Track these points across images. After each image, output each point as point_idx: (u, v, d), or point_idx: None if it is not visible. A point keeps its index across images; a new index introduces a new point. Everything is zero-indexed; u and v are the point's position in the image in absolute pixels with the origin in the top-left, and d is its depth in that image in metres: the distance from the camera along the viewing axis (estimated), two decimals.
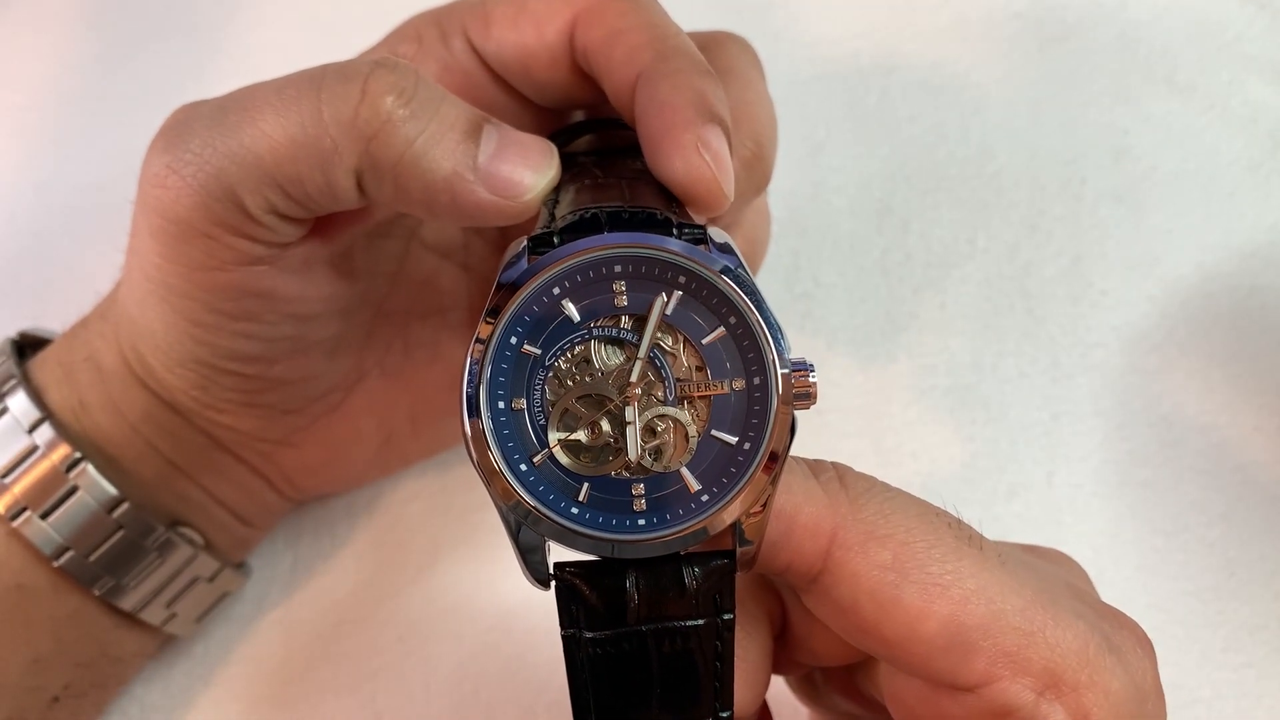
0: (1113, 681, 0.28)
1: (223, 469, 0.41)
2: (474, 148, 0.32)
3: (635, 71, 0.34)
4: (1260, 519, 0.47)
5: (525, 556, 0.29)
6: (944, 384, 0.50)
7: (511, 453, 0.28)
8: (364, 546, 0.48)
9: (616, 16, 0.36)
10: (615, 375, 0.29)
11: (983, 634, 0.28)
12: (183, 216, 0.34)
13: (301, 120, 0.32)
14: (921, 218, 0.53)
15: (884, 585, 0.28)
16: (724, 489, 0.28)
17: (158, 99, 0.59)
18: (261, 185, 0.33)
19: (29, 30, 0.61)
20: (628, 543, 0.28)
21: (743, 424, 0.29)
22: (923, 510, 0.29)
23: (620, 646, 0.28)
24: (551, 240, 0.29)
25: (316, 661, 0.46)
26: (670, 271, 0.29)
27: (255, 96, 0.33)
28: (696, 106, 0.32)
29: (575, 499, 0.28)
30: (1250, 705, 0.44)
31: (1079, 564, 0.34)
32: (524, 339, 0.29)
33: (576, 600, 0.28)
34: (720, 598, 0.29)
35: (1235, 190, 0.53)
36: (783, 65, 0.58)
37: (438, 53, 0.38)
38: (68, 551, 0.38)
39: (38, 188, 0.56)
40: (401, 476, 0.49)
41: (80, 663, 0.40)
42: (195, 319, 0.36)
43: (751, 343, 0.29)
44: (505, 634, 0.46)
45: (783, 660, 0.34)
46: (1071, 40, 0.57)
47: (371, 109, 0.32)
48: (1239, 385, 0.49)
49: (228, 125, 0.33)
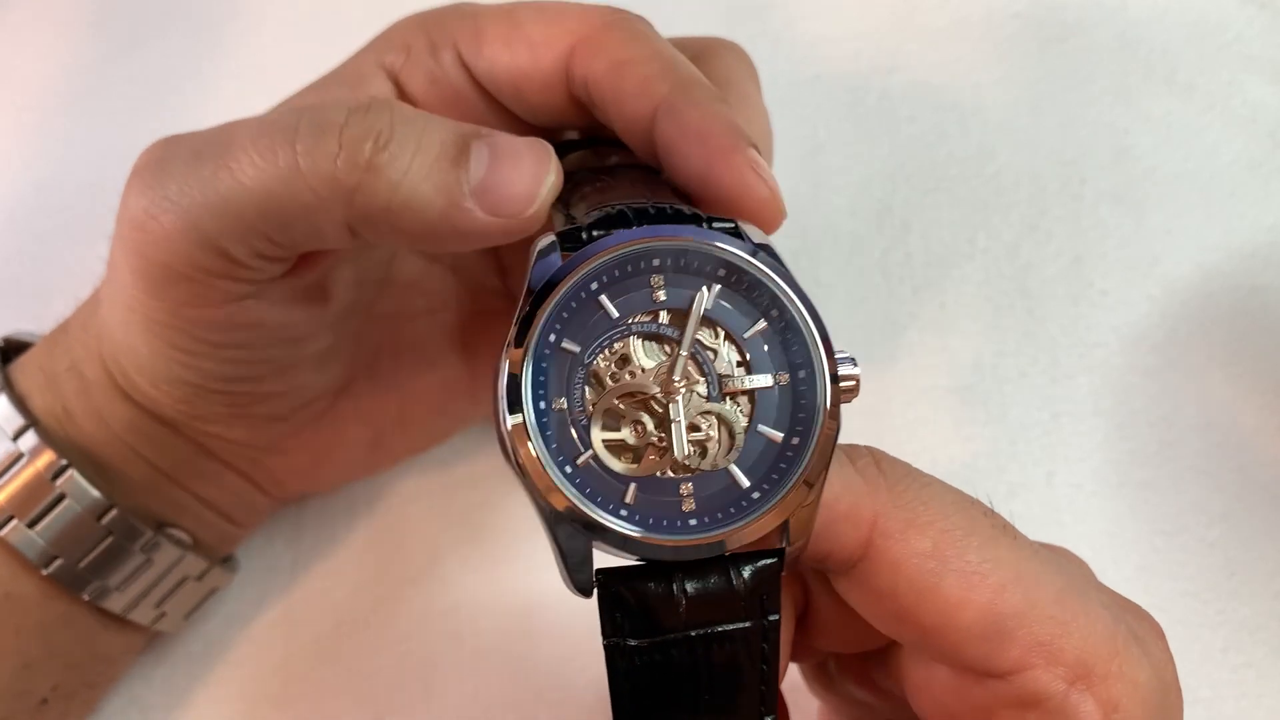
0: (1140, 672, 0.28)
1: (210, 474, 0.41)
2: (464, 171, 0.31)
3: (651, 104, 0.34)
4: (1260, 519, 0.47)
5: (568, 562, 0.28)
6: (944, 384, 0.50)
7: (555, 454, 0.27)
8: (364, 546, 0.48)
9: (619, 47, 0.35)
10: (656, 372, 0.28)
11: (1018, 622, 0.28)
12: (164, 261, 0.33)
13: (280, 174, 0.31)
14: (921, 218, 0.53)
15: (924, 573, 0.28)
16: (775, 485, 0.28)
17: (158, 99, 0.59)
18: (245, 235, 0.33)
19: (29, 30, 0.61)
20: (680, 545, 0.27)
21: (789, 419, 0.28)
22: (958, 498, 0.30)
23: (667, 654, 0.27)
24: (580, 236, 0.28)
25: (316, 662, 0.46)
26: (710, 264, 0.28)
27: (233, 142, 0.32)
28: (733, 132, 0.33)
29: (623, 501, 0.27)
30: (1250, 705, 0.44)
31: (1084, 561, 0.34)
32: (562, 336, 0.28)
33: (621, 607, 0.27)
34: (767, 598, 0.28)
35: (1235, 190, 0.53)
36: (783, 65, 0.58)
37: (425, 64, 0.38)
38: (56, 559, 0.38)
39: (38, 188, 0.56)
40: (402, 476, 0.49)
41: (69, 665, 0.40)
42: (181, 347, 0.36)
43: (795, 335, 0.28)
44: (505, 634, 0.46)
45: (800, 646, 0.34)
46: (1071, 40, 0.57)
47: (349, 161, 0.31)
48: (1239, 385, 0.49)
49: (204, 175, 0.32)
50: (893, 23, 0.58)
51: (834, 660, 0.37)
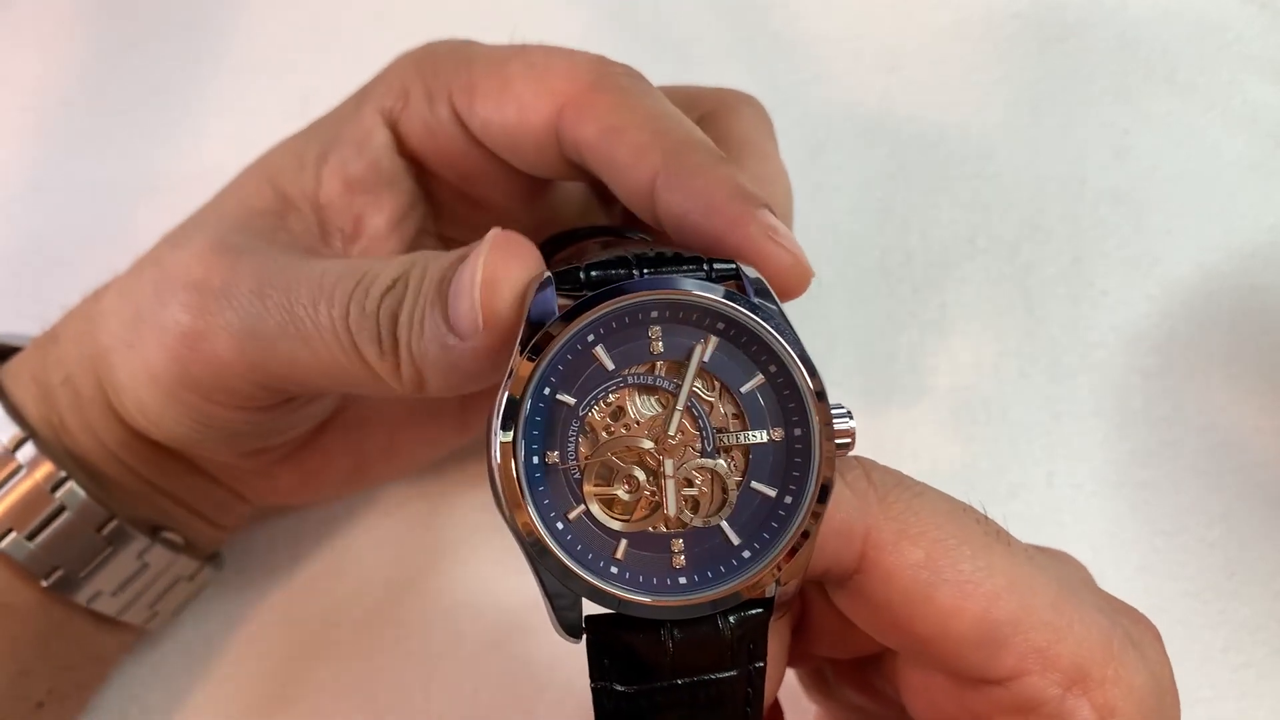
0: (1136, 676, 0.28)
1: (199, 488, 0.41)
2: (444, 310, 0.31)
3: (649, 173, 0.32)
4: (1260, 519, 0.47)
5: (555, 604, 0.28)
6: (944, 384, 0.50)
7: (547, 510, 0.27)
8: (364, 547, 0.48)
9: (609, 112, 0.34)
10: (651, 425, 0.28)
11: (1014, 629, 0.28)
12: (206, 377, 0.34)
13: (333, 359, 0.32)
14: (921, 218, 0.53)
15: (917, 583, 0.28)
16: (766, 545, 0.27)
17: (158, 99, 0.59)
18: (298, 385, 0.34)
19: (29, 30, 0.61)
20: (668, 606, 0.27)
21: (783, 476, 0.28)
22: (950, 506, 0.29)
23: (653, 700, 0.27)
24: (577, 277, 0.28)
25: (316, 662, 0.46)
26: (708, 317, 0.28)
27: (295, 297, 0.33)
28: (741, 197, 0.31)
29: (613, 556, 0.27)
30: (1250, 705, 0.44)
31: (1081, 564, 0.34)
32: (558, 388, 0.27)
33: (609, 653, 0.27)
34: (754, 646, 0.28)
35: (1235, 190, 0.53)
36: (783, 65, 0.58)
37: (423, 114, 0.37)
38: (57, 570, 0.37)
39: (38, 188, 0.56)
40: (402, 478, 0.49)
41: (64, 667, 0.40)
42: (194, 420, 0.36)
43: (792, 392, 0.28)
44: (505, 633, 0.46)
45: (797, 653, 0.34)
46: (1071, 40, 0.57)
47: (410, 374, 0.32)
48: (1239, 385, 0.49)
49: (270, 326, 0.33)
50: (893, 23, 0.58)
51: (831, 666, 0.37)
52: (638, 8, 0.46)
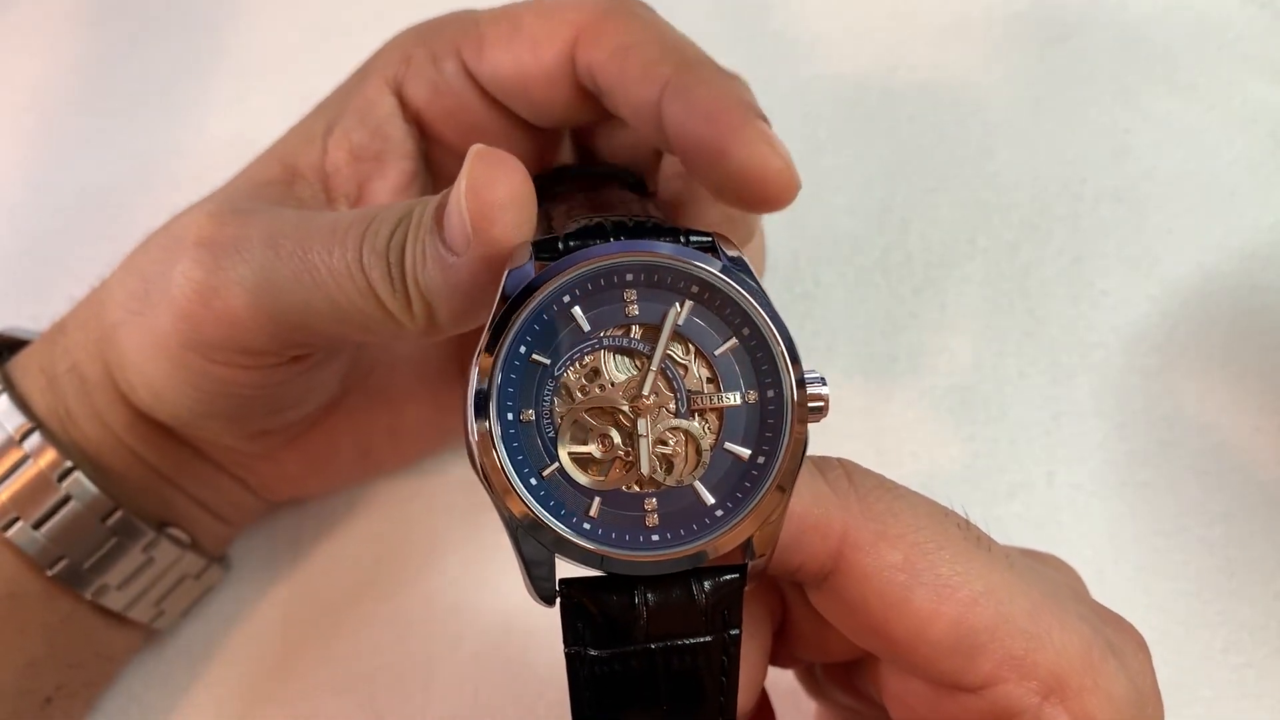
0: (1115, 686, 0.28)
1: (205, 477, 0.42)
2: (440, 240, 0.31)
3: (657, 86, 0.34)
4: (1260, 519, 0.47)
5: (531, 572, 0.28)
6: (944, 384, 0.50)
7: (521, 465, 0.27)
8: (364, 547, 0.48)
9: (621, 33, 0.35)
10: (626, 386, 0.28)
11: (990, 636, 0.27)
12: (220, 336, 0.34)
13: (349, 302, 0.32)
14: (921, 218, 0.53)
15: (894, 586, 0.28)
16: (738, 504, 0.28)
17: (158, 99, 0.59)
18: (316, 334, 0.34)
19: (29, 30, 0.61)
20: (640, 560, 0.27)
21: (756, 437, 0.28)
22: (931, 509, 0.29)
23: (627, 665, 0.28)
24: (556, 246, 0.28)
25: (316, 661, 0.46)
26: (683, 280, 0.28)
27: (310, 242, 0.33)
28: (743, 106, 0.33)
29: (586, 514, 0.27)
30: (1250, 705, 0.44)
31: (1074, 569, 0.34)
32: (533, 348, 0.28)
33: (583, 617, 0.28)
34: (729, 613, 0.28)
35: (1235, 190, 0.53)
36: (783, 65, 0.58)
37: (428, 74, 0.38)
38: (61, 560, 0.38)
39: (38, 188, 0.56)
40: (402, 476, 0.49)
41: (72, 664, 0.40)
42: (203, 389, 0.36)
43: (765, 354, 0.28)
44: (505, 634, 0.46)
45: (782, 655, 0.34)
46: (1071, 40, 0.57)
47: (422, 311, 0.32)
48: (1239, 385, 0.49)
49: (285, 272, 0.33)
50: (893, 22, 0.58)
51: (820, 668, 0.37)
52: None
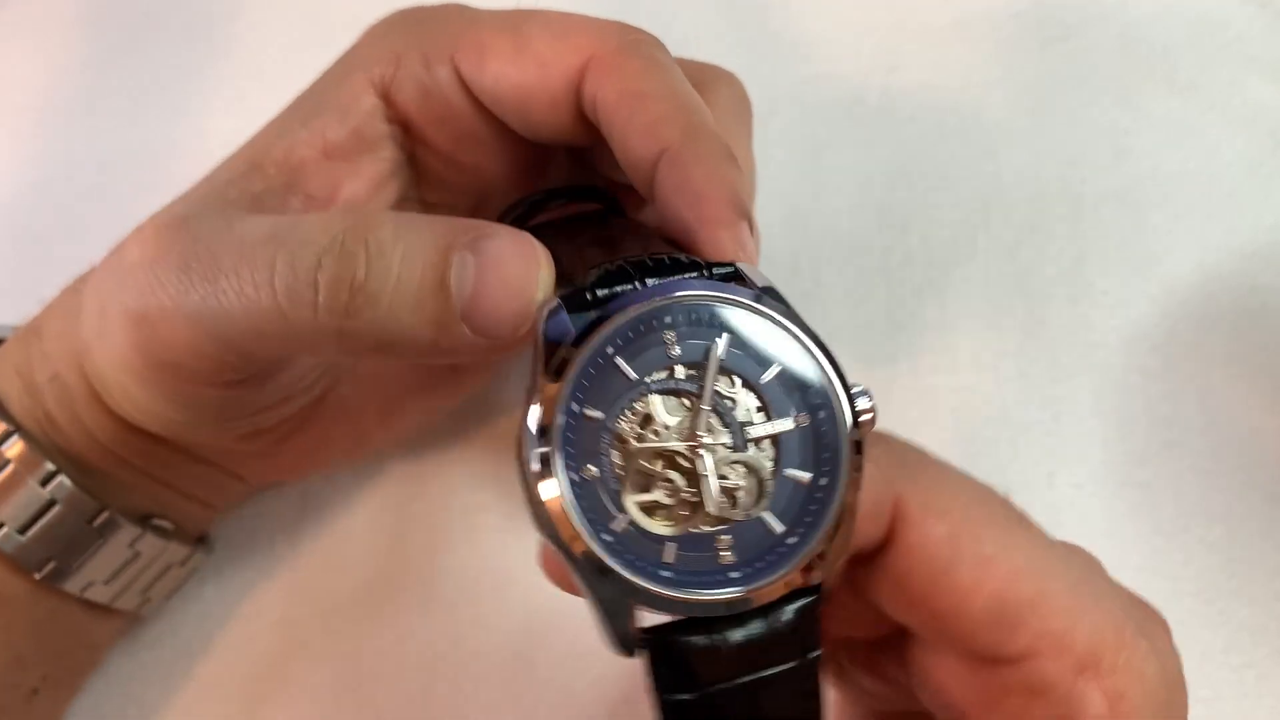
0: (1147, 666, 0.29)
1: (197, 474, 0.41)
2: (449, 297, 0.30)
3: (658, 147, 0.33)
4: (1260, 519, 0.47)
5: (613, 625, 0.27)
6: (944, 384, 0.50)
7: (594, 524, 0.27)
8: (364, 546, 0.48)
9: (635, 76, 0.34)
10: (679, 427, 0.28)
11: (1030, 610, 0.28)
12: (169, 361, 0.33)
13: (266, 315, 0.31)
14: (921, 218, 0.53)
15: (939, 559, 0.28)
16: (810, 528, 0.28)
17: (157, 99, 0.59)
18: (241, 354, 0.32)
19: (28, 30, 0.61)
20: (724, 601, 0.27)
21: (814, 459, 0.28)
22: (974, 484, 0.30)
23: (714, 703, 0.28)
24: (585, 298, 0.28)
25: (315, 661, 0.46)
26: (720, 315, 0.28)
27: (219, 266, 0.31)
28: (731, 202, 0.32)
29: (662, 561, 0.27)
30: (1250, 705, 0.44)
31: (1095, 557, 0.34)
32: (585, 404, 0.27)
33: (669, 662, 0.27)
34: (808, 636, 0.28)
35: (1235, 190, 0.53)
36: (783, 65, 0.58)
37: (417, 76, 0.37)
38: (50, 563, 0.37)
39: (38, 188, 0.56)
40: (403, 475, 0.49)
41: (58, 654, 0.40)
42: (178, 402, 0.35)
43: (810, 375, 0.28)
44: (505, 634, 0.46)
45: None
46: (1071, 40, 0.57)
47: (330, 309, 0.30)
48: (1239, 385, 0.49)
49: (194, 297, 0.31)
50: (893, 23, 0.58)
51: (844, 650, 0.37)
52: (637, 7, 0.46)
